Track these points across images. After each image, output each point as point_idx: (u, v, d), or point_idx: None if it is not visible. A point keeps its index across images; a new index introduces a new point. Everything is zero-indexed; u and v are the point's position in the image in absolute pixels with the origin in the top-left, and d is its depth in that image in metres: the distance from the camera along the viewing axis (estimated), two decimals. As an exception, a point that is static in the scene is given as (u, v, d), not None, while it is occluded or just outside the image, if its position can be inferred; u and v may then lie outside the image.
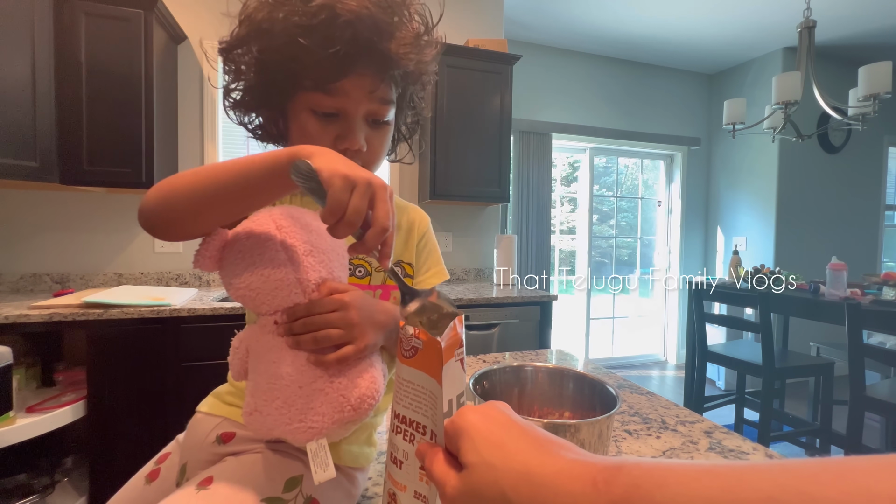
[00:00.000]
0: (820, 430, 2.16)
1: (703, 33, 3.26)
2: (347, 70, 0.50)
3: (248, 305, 0.47)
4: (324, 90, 0.51)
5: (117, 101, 1.72)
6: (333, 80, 0.50)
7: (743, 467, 0.20)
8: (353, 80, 0.51)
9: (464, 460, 0.28)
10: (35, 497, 1.44)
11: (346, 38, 0.48)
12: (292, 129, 0.56)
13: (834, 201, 3.66)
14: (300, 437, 0.44)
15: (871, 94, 2.01)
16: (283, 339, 0.46)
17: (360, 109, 0.53)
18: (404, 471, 0.36)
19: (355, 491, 0.58)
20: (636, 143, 3.76)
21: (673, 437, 0.68)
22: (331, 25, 0.48)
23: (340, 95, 0.52)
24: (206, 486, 0.49)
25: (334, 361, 0.45)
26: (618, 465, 0.23)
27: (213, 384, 0.66)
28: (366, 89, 0.52)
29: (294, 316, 0.46)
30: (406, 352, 0.36)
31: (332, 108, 0.53)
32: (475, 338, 2.03)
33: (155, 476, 0.60)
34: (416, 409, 0.35)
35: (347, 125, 0.54)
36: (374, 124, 0.56)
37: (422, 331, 0.35)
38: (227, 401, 0.61)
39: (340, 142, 0.54)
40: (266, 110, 0.58)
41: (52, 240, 1.98)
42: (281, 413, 0.44)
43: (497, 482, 0.26)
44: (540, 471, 0.25)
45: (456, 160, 2.27)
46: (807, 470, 0.18)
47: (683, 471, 0.21)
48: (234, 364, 0.49)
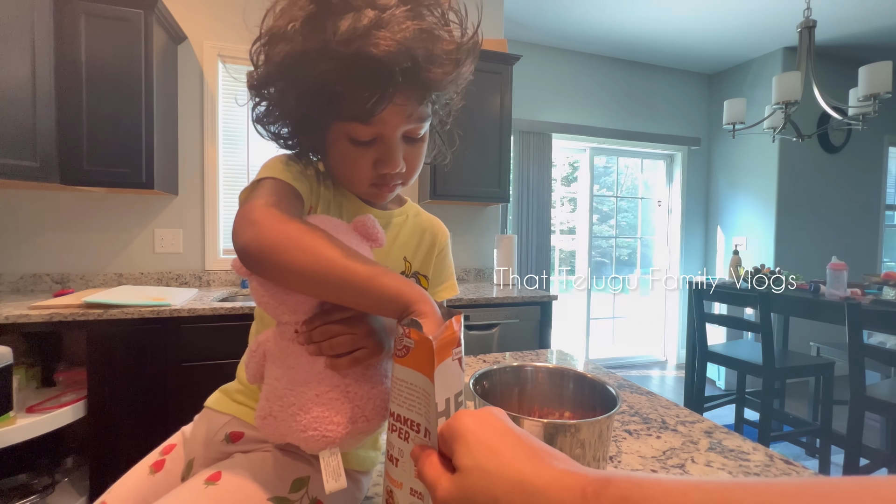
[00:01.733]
0: (820, 430, 2.16)
1: (703, 33, 3.26)
2: (385, 104, 0.48)
3: (269, 313, 0.47)
4: (361, 121, 0.49)
5: (117, 101, 1.72)
6: (370, 115, 0.48)
7: (730, 484, 0.20)
8: (390, 109, 0.49)
9: (458, 463, 0.28)
10: (35, 497, 1.44)
11: (383, 76, 0.46)
12: (330, 154, 0.55)
13: (834, 201, 3.66)
14: (314, 445, 0.44)
15: (872, 94, 2.01)
16: (302, 347, 0.46)
17: (397, 133, 0.52)
18: (400, 468, 0.37)
19: (359, 494, 0.59)
20: (636, 143, 3.76)
21: (673, 437, 0.68)
22: (366, 65, 0.45)
23: (378, 124, 0.50)
24: (214, 482, 0.49)
25: (347, 364, 0.44)
26: (608, 478, 0.23)
27: (213, 384, 0.66)
28: (404, 115, 0.51)
29: (313, 325, 0.45)
30: (399, 351, 0.36)
31: (369, 136, 0.51)
32: (475, 338, 2.02)
33: (160, 467, 0.60)
34: (409, 407, 0.36)
35: (386, 149, 0.53)
36: (411, 141, 0.55)
37: (413, 330, 0.35)
38: (237, 399, 0.61)
39: (380, 166, 0.53)
40: (302, 137, 0.56)
41: (52, 240, 1.98)
42: (296, 420, 0.44)
43: (490, 488, 0.26)
44: (533, 480, 0.25)
45: (456, 160, 2.25)
46: (792, 489, 0.18)
47: (672, 485, 0.21)
48: (250, 367, 0.49)
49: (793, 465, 0.59)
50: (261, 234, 0.43)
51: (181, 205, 2.16)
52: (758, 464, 0.60)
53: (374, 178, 0.55)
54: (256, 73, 0.51)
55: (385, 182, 0.56)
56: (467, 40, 0.51)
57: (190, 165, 2.16)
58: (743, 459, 0.61)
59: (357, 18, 0.44)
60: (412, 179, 0.59)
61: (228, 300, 2.00)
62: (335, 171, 0.58)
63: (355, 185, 0.57)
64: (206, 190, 2.18)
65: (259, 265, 0.44)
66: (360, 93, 0.46)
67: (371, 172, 0.54)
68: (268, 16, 0.49)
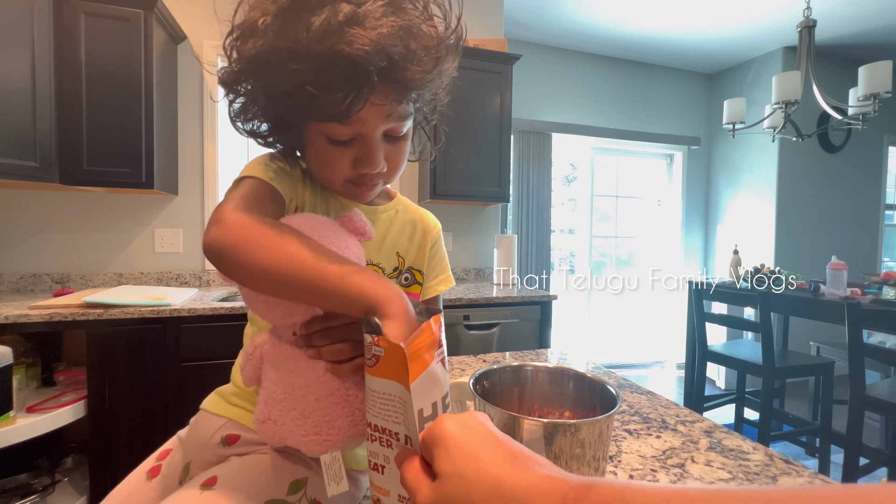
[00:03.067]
0: (820, 430, 2.16)
1: (703, 33, 3.26)
2: (361, 105, 0.45)
3: (264, 317, 0.46)
4: (339, 121, 0.48)
5: (117, 101, 1.72)
6: (346, 116, 0.46)
7: (714, 491, 0.20)
8: (368, 108, 0.47)
9: (437, 470, 0.28)
10: (35, 497, 1.44)
11: (358, 77, 0.43)
12: (309, 153, 0.54)
13: (834, 201, 3.66)
14: (315, 449, 0.43)
15: (871, 94, 2.01)
16: (300, 350, 0.45)
17: (377, 132, 0.51)
18: (386, 475, 0.36)
19: (358, 493, 0.59)
20: (636, 143, 3.76)
21: (673, 437, 0.68)
22: (339, 65, 0.43)
23: (356, 124, 0.48)
24: (210, 487, 0.49)
25: (349, 371, 0.44)
26: (589, 484, 0.23)
27: (213, 384, 0.66)
28: (382, 115, 0.49)
29: (312, 328, 0.44)
30: (369, 361, 0.35)
31: (348, 136, 0.50)
32: (475, 338, 2.03)
33: (156, 473, 0.60)
34: (385, 417, 0.35)
35: (366, 149, 0.51)
36: (392, 140, 0.53)
37: (382, 338, 0.34)
38: (233, 402, 0.61)
39: (360, 166, 0.52)
40: (279, 135, 0.55)
41: (52, 240, 1.98)
42: (296, 424, 0.43)
43: (468, 494, 0.26)
44: (511, 485, 0.25)
45: (456, 160, 2.27)
46: (776, 496, 0.18)
47: (654, 492, 0.21)
48: (247, 370, 0.48)
49: (792, 465, 0.59)
50: (224, 233, 0.41)
51: (181, 205, 2.15)
52: (757, 463, 0.60)
53: (353, 178, 0.54)
54: (230, 68, 0.48)
55: (365, 182, 0.54)
56: (449, 34, 0.49)
57: (190, 165, 2.16)
58: (743, 459, 0.61)
59: (332, 13, 0.42)
60: (394, 177, 0.58)
61: (228, 300, 2.00)
62: (314, 170, 0.56)
63: (334, 184, 0.55)
64: (205, 190, 2.18)
65: (222, 264, 0.42)
66: (334, 93, 0.44)
67: (350, 172, 0.53)
68: (240, 8, 0.47)
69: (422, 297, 0.67)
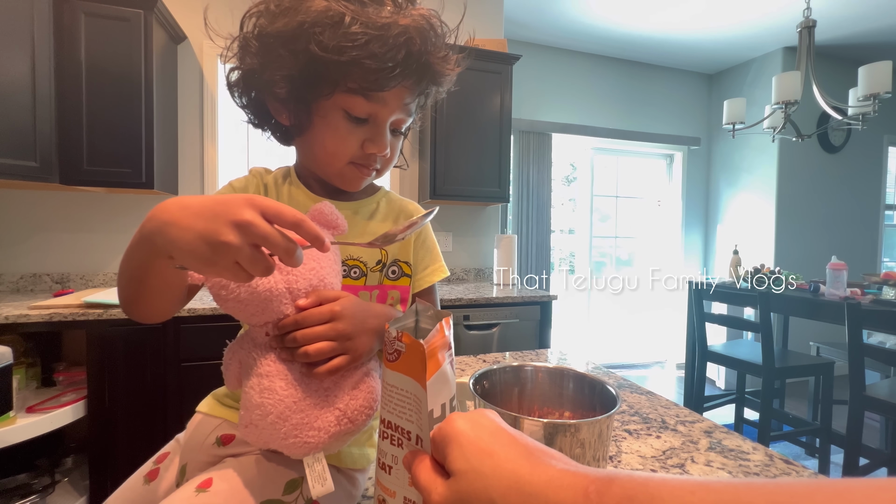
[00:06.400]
0: (820, 430, 2.16)
1: (703, 33, 3.26)
2: (396, 82, 0.50)
3: (238, 317, 0.46)
4: (365, 96, 0.51)
5: (117, 101, 1.72)
6: (380, 89, 0.50)
7: (738, 484, 0.20)
8: (395, 90, 0.52)
9: (451, 468, 0.28)
10: (35, 497, 1.44)
11: (404, 52, 0.49)
12: (318, 124, 0.54)
13: (834, 201, 3.66)
14: (296, 451, 0.43)
15: (871, 94, 2.01)
16: (274, 352, 0.45)
17: (390, 117, 0.54)
18: (393, 476, 0.36)
19: (356, 492, 0.58)
20: (636, 143, 3.76)
21: (673, 437, 0.68)
22: (392, 37, 0.48)
23: (379, 103, 0.52)
24: (205, 489, 0.49)
25: (326, 373, 0.44)
26: (610, 477, 0.22)
27: (213, 384, 0.66)
28: (402, 99, 0.53)
29: (284, 330, 0.45)
30: (390, 355, 0.35)
31: (365, 114, 0.53)
32: (475, 338, 2.03)
33: (154, 476, 0.60)
34: (400, 413, 0.35)
35: (377, 131, 0.54)
36: (394, 133, 0.57)
37: (405, 333, 0.34)
38: (226, 403, 0.61)
39: (369, 146, 0.55)
40: (292, 102, 0.54)
41: (52, 240, 1.98)
42: (275, 428, 0.43)
43: (486, 490, 0.25)
44: (530, 479, 0.24)
45: (456, 160, 2.27)
46: (802, 489, 0.18)
47: (678, 484, 0.21)
48: (227, 376, 0.48)
49: (792, 465, 0.59)
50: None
51: (181, 205, 2.15)
52: (757, 463, 0.60)
53: (358, 157, 0.56)
54: (256, 30, 0.51)
55: (368, 164, 0.56)
56: (466, 46, 0.56)
57: (190, 165, 2.16)
58: (743, 459, 0.61)
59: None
60: (387, 170, 0.60)
61: (228, 300, 2.00)
62: (316, 147, 0.56)
63: (338, 162, 0.56)
64: (206, 190, 2.18)
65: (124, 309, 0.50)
66: (384, 62, 0.48)
67: (357, 150, 0.55)
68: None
69: (413, 290, 0.66)
